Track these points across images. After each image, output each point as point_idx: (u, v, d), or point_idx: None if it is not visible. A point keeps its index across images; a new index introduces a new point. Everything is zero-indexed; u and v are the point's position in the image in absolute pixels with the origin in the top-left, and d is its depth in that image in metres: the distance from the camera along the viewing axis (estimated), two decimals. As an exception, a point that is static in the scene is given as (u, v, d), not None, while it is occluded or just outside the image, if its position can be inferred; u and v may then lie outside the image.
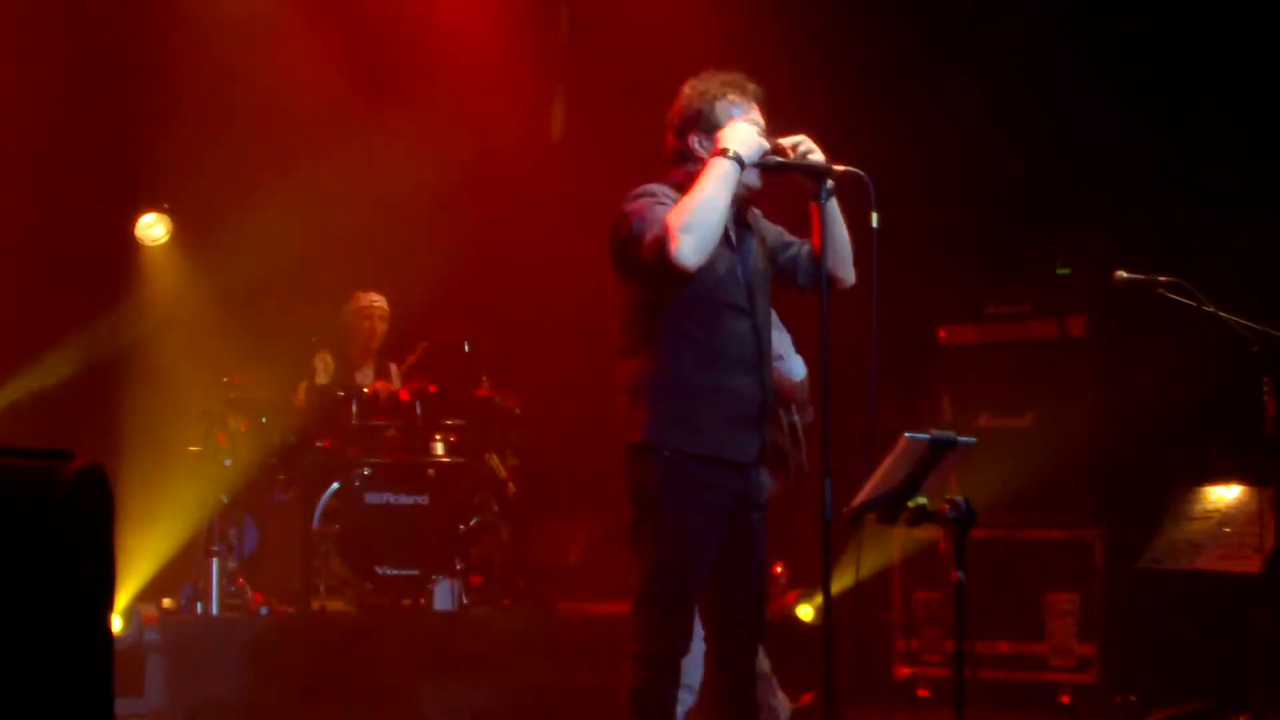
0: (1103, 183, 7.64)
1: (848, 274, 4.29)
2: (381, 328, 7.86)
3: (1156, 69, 7.43)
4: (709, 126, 4.18)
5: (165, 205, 8.18)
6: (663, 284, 4.04)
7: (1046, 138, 7.71)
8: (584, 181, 7.82)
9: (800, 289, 4.31)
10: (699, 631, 4.23)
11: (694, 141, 4.20)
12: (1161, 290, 5.66)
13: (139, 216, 8.14)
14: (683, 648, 4.11)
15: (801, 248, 4.31)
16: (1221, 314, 5.60)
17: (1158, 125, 7.45)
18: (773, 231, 4.38)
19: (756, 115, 4.22)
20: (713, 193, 3.96)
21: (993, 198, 7.58)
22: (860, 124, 7.26)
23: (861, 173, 4.09)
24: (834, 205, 4.17)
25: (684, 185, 4.17)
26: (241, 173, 8.21)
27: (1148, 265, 5.73)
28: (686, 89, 4.24)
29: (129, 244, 8.19)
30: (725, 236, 4.19)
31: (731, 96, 4.20)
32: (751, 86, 4.24)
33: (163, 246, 8.26)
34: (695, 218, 3.93)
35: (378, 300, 7.85)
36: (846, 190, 4.21)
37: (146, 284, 8.34)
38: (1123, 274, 5.70)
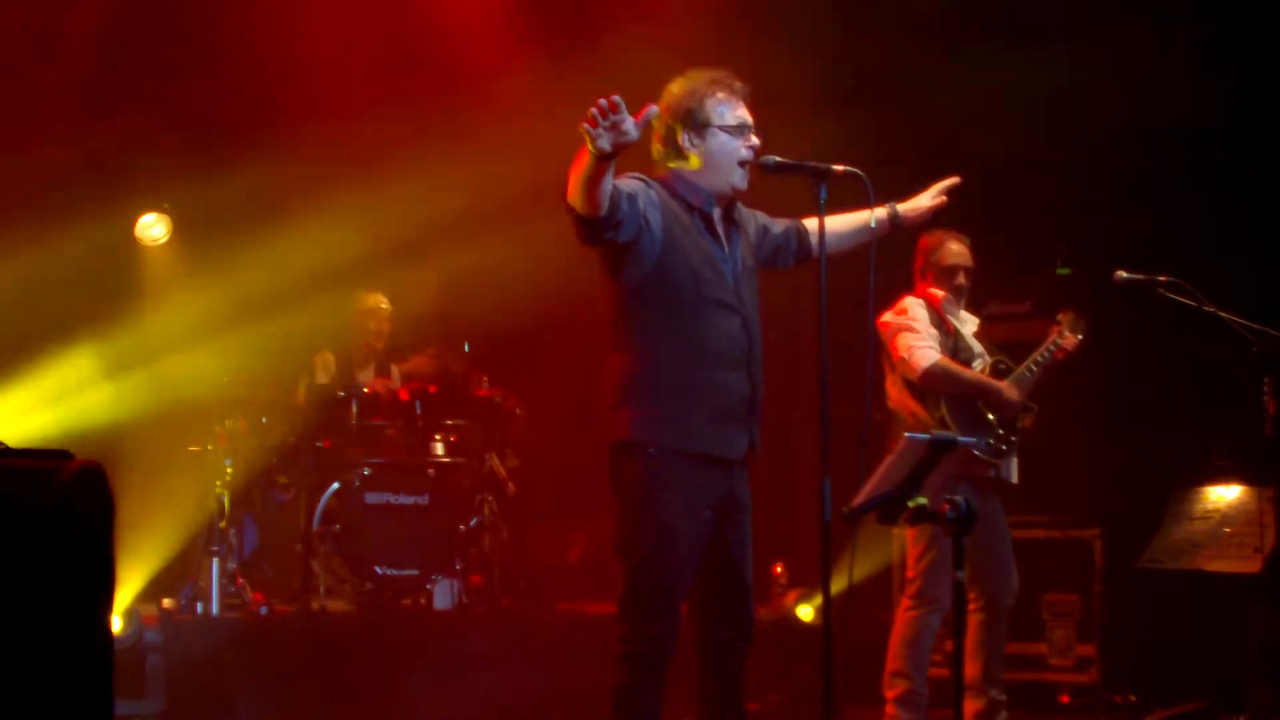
0: (1104, 182, 7.63)
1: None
2: (387, 329, 7.85)
3: (1157, 70, 7.43)
4: (698, 124, 4.19)
5: (165, 205, 8.17)
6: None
7: (1046, 138, 7.71)
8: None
9: (780, 270, 4.49)
10: None
11: (682, 138, 4.21)
12: (1161, 290, 5.65)
13: (139, 216, 8.13)
14: (668, 648, 4.09)
15: (784, 234, 4.43)
16: (1221, 314, 5.59)
17: (1157, 126, 7.46)
18: (754, 222, 4.39)
19: (744, 113, 4.22)
20: None
21: (992, 198, 7.57)
22: (859, 124, 7.25)
23: (860, 172, 4.09)
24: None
25: (669, 184, 4.18)
26: (242, 172, 8.19)
27: (1148, 265, 5.74)
28: (674, 86, 4.24)
29: (129, 244, 8.18)
30: (714, 234, 4.20)
31: (720, 94, 4.20)
32: (739, 84, 4.24)
33: (163, 246, 8.25)
34: None
35: (383, 301, 7.84)
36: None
37: (147, 284, 8.33)
38: (1123, 274, 5.70)
